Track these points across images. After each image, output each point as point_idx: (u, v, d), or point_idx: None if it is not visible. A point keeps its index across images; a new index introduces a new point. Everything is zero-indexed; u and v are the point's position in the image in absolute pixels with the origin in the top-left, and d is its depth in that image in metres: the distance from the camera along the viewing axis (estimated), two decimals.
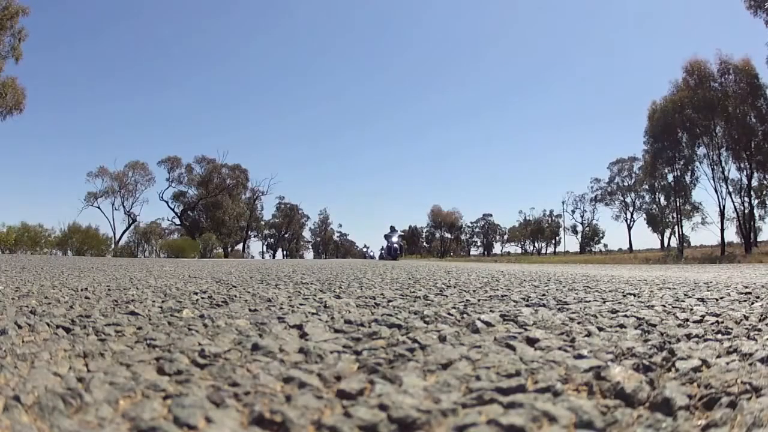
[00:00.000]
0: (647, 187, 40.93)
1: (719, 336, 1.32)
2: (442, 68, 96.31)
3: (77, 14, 69.42)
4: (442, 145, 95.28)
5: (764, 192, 25.67)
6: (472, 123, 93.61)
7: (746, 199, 24.59)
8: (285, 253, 64.65)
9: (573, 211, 63.26)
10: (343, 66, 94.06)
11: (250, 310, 1.91)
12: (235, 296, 2.49)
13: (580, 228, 62.84)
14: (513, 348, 1.14)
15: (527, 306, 2.00)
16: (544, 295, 2.49)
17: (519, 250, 69.57)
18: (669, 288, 2.91)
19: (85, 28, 72.08)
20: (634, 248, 51.32)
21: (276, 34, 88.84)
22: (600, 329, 1.42)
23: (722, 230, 24.60)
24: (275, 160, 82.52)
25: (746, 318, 1.62)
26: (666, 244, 46.06)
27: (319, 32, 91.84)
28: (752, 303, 2.04)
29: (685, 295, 2.45)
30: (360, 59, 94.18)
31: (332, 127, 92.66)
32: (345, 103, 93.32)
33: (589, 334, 1.33)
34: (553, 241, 68.40)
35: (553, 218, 67.19)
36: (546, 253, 64.57)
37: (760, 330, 1.40)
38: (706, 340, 1.26)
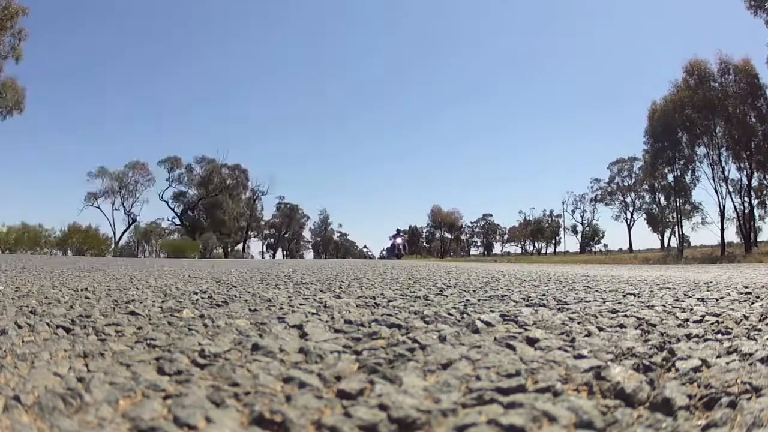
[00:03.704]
0: (647, 187, 40.96)
1: (719, 336, 1.32)
2: (443, 67, 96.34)
3: (74, 11, 69.43)
4: (442, 144, 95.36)
5: (764, 192, 25.67)
6: (473, 123, 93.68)
7: (746, 199, 24.60)
8: (285, 253, 64.67)
9: (573, 211, 63.28)
10: (339, 65, 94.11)
11: (250, 310, 1.91)
12: (235, 296, 2.49)
13: (580, 228, 62.89)
14: (513, 348, 1.14)
15: (527, 306, 2.00)
16: (544, 295, 2.49)
17: (519, 250, 69.65)
18: (669, 288, 2.91)
19: (83, 26, 72.08)
20: (634, 248, 51.34)
21: (274, 30, 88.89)
22: (600, 329, 1.42)
23: (722, 230, 24.61)
24: (275, 159, 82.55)
25: (746, 318, 1.62)
26: (666, 244, 46.09)
27: (316, 28, 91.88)
28: (752, 303, 2.04)
29: (685, 295, 2.45)
30: (354, 56, 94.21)
31: (333, 126, 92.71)
32: (346, 102, 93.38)
33: (589, 334, 1.33)
34: (553, 241, 68.43)
35: (553, 218, 67.22)
36: (546, 253, 64.57)
37: (760, 330, 1.40)
38: (706, 340, 1.26)
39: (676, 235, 32.37)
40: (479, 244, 74.71)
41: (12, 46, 23.24)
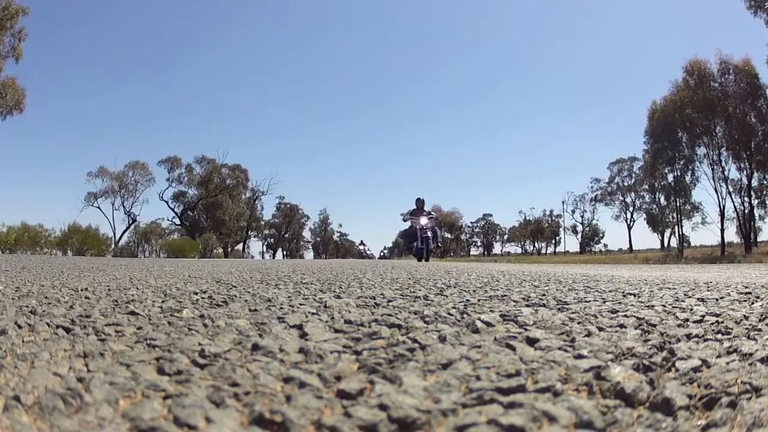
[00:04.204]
0: (647, 187, 40.96)
1: (719, 336, 1.32)
2: (443, 68, 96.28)
3: (74, 10, 69.38)
4: (442, 144, 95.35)
5: (764, 192, 25.68)
6: (473, 123, 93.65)
7: (746, 199, 24.63)
8: (285, 253, 64.66)
9: (573, 211, 63.36)
10: (339, 65, 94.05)
11: (250, 310, 1.91)
12: (235, 296, 2.49)
13: (580, 228, 62.92)
14: (513, 348, 1.14)
15: (527, 306, 2.00)
16: (544, 295, 2.49)
17: (519, 250, 69.73)
18: (669, 288, 2.91)
19: (84, 25, 72.01)
20: (634, 248, 51.36)
21: (273, 30, 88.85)
22: (600, 329, 1.41)
23: (722, 230, 24.64)
24: (275, 159, 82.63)
25: (746, 318, 1.62)
26: (666, 244, 46.11)
27: (316, 28, 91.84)
28: (752, 303, 2.04)
29: (685, 295, 2.45)
30: (355, 56, 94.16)
31: (333, 126, 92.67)
32: (347, 102, 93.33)
33: (589, 334, 1.33)
34: (553, 241, 68.47)
35: (553, 218, 67.29)
36: (546, 253, 64.61)
37: (760, 330, 1.40)
38: (706, 340, 1.26)
39: (676, 235, 32.40)
40: (479, 244, 74.82)
41: (12, 46, 23.26)
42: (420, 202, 15.66)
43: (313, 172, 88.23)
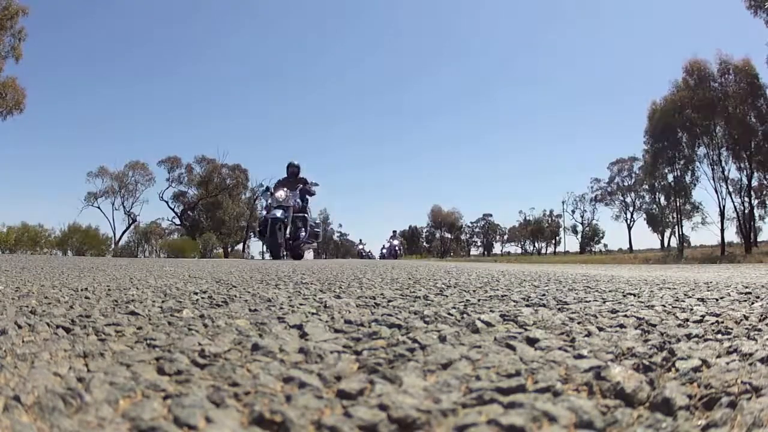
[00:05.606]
0: (647, 187, 40.94)
1: (719, 336, 1.32)
2: (443, 67, 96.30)
3: (74, 10, 69.36)
4: (442, 144, 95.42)
5: (764, 192, 25.70)
6: (473, 123, 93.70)
7: (746, 199, 24.64)
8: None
9: (573, 211, 63.39)
10: (339, 64, 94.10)
11: (250, 310, 1.91)
12: (235, 296, 2.49)
13: (580, 228, 62.95)
14: (513, 348, 1.14)
15: (527, 306, 2.00)
16: (544, 295, 2.48)
17: (519, 250, 69.77)
18: (669, 288, 2.91)
19: (84, 25, 72.00)
20: (634, 248, 51.39)
21: (273, 30, 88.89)
22: (600, 329, 1.41)
23: (722, 230, 24.63)
24: (275, 159, 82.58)
25: (746, 318, 1.62)
26: (666, 244, 46.14)
27: (316, 27, 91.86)
28: (752, 303, 2.04)
29: (685, 295, 2.45)
30: (354, 56, 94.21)
31: (333, 126, 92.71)
32: (346, 102, 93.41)
33: (589, 334, 1.33)
34: (553, 241, 68.49)
35: (553, 218, 67.33)
36: (546, 253, 64.63)
37: (760, 330, 1.40)
38: (706, 340, 1.26)
39: (676, 235, 32.41)
40: (479, 244, 74.87)
41: (12, 46, 23.26)
42: (293, 168, 12.05)
43: (314, 172, 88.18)
